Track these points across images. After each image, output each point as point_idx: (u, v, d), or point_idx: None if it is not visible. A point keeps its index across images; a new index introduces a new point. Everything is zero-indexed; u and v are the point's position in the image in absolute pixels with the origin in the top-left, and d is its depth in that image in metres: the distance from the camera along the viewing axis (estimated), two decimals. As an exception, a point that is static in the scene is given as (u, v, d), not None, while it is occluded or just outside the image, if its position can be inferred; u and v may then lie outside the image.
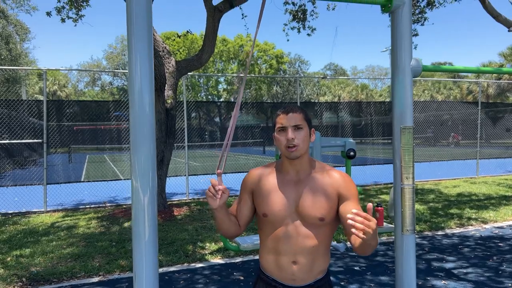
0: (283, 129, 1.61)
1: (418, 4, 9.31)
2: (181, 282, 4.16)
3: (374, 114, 17.13)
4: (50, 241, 5.66)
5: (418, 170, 13.32)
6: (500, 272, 4.26)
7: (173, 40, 35.90)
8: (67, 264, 4.68)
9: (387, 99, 41.40)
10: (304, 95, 44.65)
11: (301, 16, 9.61)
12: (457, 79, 17.32)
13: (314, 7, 9.74)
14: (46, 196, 8.07)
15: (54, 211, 7.94)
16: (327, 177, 1.64)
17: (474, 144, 12.56)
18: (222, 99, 43.37)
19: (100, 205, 8.44)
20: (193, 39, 37.67)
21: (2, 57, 23.78)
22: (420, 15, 9.44)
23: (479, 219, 6.62)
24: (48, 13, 8.13)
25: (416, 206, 7.64)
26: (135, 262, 1.30)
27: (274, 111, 19.03)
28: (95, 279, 4.26)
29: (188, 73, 8.22)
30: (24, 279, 4.23)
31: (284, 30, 9.97)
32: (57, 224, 6.75)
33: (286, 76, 46.09)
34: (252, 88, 40.39)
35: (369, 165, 15.71)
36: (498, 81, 26.15)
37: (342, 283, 4.01)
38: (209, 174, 13.34)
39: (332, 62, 61.64)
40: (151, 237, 1.29)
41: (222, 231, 1.66)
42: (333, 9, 9.97)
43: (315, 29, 9.82)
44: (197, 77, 38.54)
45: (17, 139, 11.05)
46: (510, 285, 3.90)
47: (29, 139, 11.64)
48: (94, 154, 25.49)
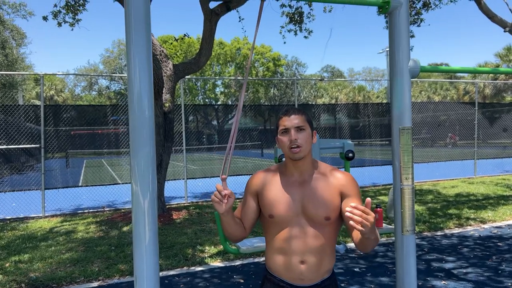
0: (286, 131, 1.64)
1: (414, 5, 9.35)
2: (181, 285, 4.15)
3: (372, 115, 17.16)
4: (48, 246, 5.63)
5: (416, 171, 13.35)
6: (499, 271, 4.26)
7: (170, 43, 35.90)
8: (66, 269, 4.66)
9: (384, 101, 41.51)
10: (302, 97, 44.71)
11: (298, 18, 9.64)
12: (453, 80, 17.38)
13: (311, 9, 9.78)
14: (44, 201, 8.04)
15: (53, 216, 7.91)
16: (330, 177, 1.67)
17: (472, 144, 12.59)
18: (219, 102, 43.39)
19: (99, 210, 8.41)
20: (190, 43, 37.69)
21: (-1, 62, 23.74)
22: (416, 16, 9.48)
23: (478, 219, 6.63)
24: (45, 18, 8.13)
25: (415, 207, 7.64)
26: (136, 266, 1.29)
27: (272, 113, 19.11)
28: (95, 284, 4.25)
29: (186, 77, 8.23)
30: (23, 285, 4.21)
31: (281, 32, 9.99)
32: (55, 229, 6.73)
33: (283, 78, 46.15)
34: (249, 91, 40.41)
35: (367, 166, 15.71)
36: (494, 81, 26.29)
37: (343, 285, 4.01)
38: (207, 177, 13.33)
39: (329, 64, 61.78)
40: (152, 240, 1.29)
41: (229, 235, 1.68)
42: (330, 11, 10.01)
43: (312, 31, 9.85)
44: (194, 80, 38.56)
45: (14, 145, 11.02)
46: (509, 284, 3.91)
47: (26, 144, 11.60)
48: (91, 159, 25.43)
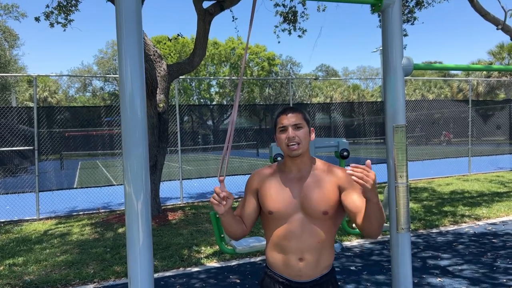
0: (284, 129, 1.67)
1: (407, 4, 9.38)
2: (177, 286, 4.14)
3: (366, 114, 17.21)
4: (43, 249, 5.59)
5: (411, 169, 13.39)
6: (494, 268, 4.29)
7: (164, 44, 35.78)
8: (61, 271, 4.63)
9: (379, 99, 41.64)
10: (297, 96, 44.74)
11: (292, 18, 9.64)
12: (447, 78, 17.46)
13: (305, 8, 9.78)
14: (39, 204, 7.99)
15: (47, 218, 7.86)
16: (327, 173, 1.71)
17: (466, 142, 12.64)
18: (214, 102, 43.31)
19: (94, 212, 8.37)
20: (184, 43, 37.58)
21: (-9, 64, 23.56)
22: (409, 15, 9.52)
23: (473, 216, 6.66)
24: (37, 18, 8.06)
25: (410, 204, 7.67)
26: (130, 268, 1.28)
27: (267, 113, 19.10)
28: (90, 286, 4.22)
29: (180, 77, 8.20)
30: (17, 288, 4.18)
31: (275, 32, 10.00)
32: (50, 231, 6.68)
33: (278, 78, 46.18)
34: (244, 90, 40.37)
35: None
36: (487, 79, 26.43)
37: (339, 283, 4.01)
38: (203, 177, 13.30)
39: (323, 64, 61.85)
40: (146, 242, 1.28)
41: (230, 233, 1.71)
42: (323, 10, 10.01)
43: (306, 30, 9.85)
44: (189, 80, 38.47)
45: (7, 147, 10.92)
46: (504, 280, 3.93)
47: (20, 147, 11.52)
48: (86, 160, 25.31)
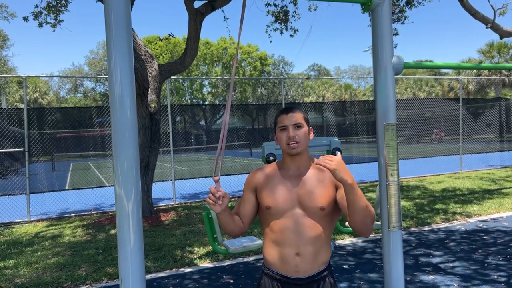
0: (284, 128, 1.72)
1: (397, 3, 9.43)
2: (170, 287, 4.12)
3: (358, 113, 17.29)
4: (34, 251, 5.54)
5: (403, 167, 13.48)
6: (485, 264, 4.33)
7: (155, 44, 35.61)
8: (53, 274, 4.58)
9: (371, 98, 41.85)
10: (289, 96, 44.80)
11: (283, 17, 9.64)
12: (438, 77, 17.59)
13: (296, 8, 9.78)
14: (30, 206, 7.90)
15: (38, 220, 7.78)
16: (325, 171, 1.75)
17: (457, 140, 12.76)
18: (207, 102, 43.21)
19: (86, 213, 8.30)
20: (176, 43, 37.45)
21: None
22: (400, 14, 9.57)
23: (464, 214, 6.73)
24: (25, 18, 7.97)
25: (402, 202, 7.72)
26: (121, 269, 1.27)
27: (260, 113, 19.11)
28: (82, 289, 4.19)
29: (172, 77, 8.17)
30: (8, 292, 4.13)
31: (266, 31, 9.99)
32: (41, 234, 6.62)
33: (270, 77, 46.21)
34: (237, 90, 40.33)
35: (355, 163, 15.82)
36: (477, 77, 26.70)
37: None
38: (195, 178, 13.26)
39: (315, 63, 62.03)
40: (137, 242, 1.27)
41: (227, 231, 1.73)
42: (315, 9, 10.03)
43: (297, 30, 9.85)
44: (181, 80, 38.33)
45: (-3, 149, 10.80)
46: (495, 277, 3.97)
47: (10, 148, 11.39)
48: (78, 162, 25.10)
